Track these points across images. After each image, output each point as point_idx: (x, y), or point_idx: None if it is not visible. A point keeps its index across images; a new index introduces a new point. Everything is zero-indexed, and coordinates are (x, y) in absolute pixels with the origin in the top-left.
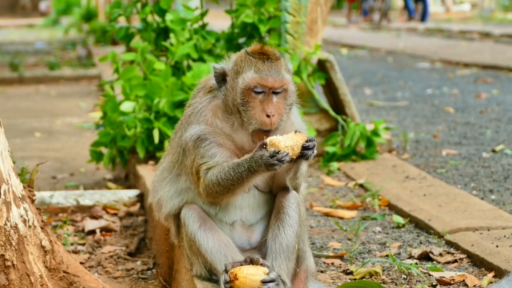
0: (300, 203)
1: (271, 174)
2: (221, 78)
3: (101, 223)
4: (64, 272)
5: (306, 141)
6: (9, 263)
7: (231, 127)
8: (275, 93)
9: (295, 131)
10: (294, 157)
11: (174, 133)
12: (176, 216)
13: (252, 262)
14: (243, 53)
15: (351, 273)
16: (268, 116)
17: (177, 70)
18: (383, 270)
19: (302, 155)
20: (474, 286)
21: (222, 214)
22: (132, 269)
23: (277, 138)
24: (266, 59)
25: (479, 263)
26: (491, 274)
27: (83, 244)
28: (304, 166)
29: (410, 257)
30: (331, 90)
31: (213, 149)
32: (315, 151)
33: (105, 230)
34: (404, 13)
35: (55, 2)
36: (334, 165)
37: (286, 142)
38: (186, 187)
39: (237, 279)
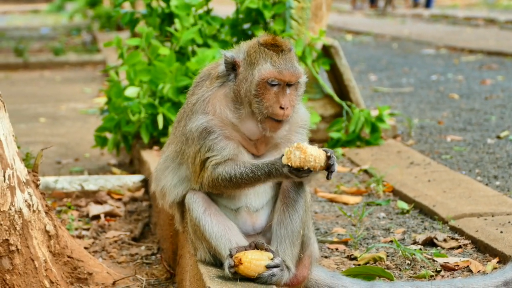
0: (305, 189)
1: None
2: (231, 66)
3: (106, 208)
4: (69, 257)
5: (328, 157)
6: (13, 248)
7: (239, 117)
8: (289, 85)
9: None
10: (315, 170)
11: (176, 122)
12: (180, 204)
13: (256, 247)
14: (256, 44)
15: (355, 258)
16: (281, 108)
17: (182, 55)
18: (387, 256)
19: (329, 171)
20: (478, 271)
21: (226, 201)
22: (136, 254)
23: (305, 145)
24: (280, 51)
25: (483, 249)
26: (495, 260)
27: (88, 229)
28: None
29: (414, 242)
30: (335, 75)
31: (221, 142)
32: (336, 166)
33: (110, 215)
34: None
35: None
36: (339, 150)
37: (312, 151)
38: (188, 175)
39: (242, 263)
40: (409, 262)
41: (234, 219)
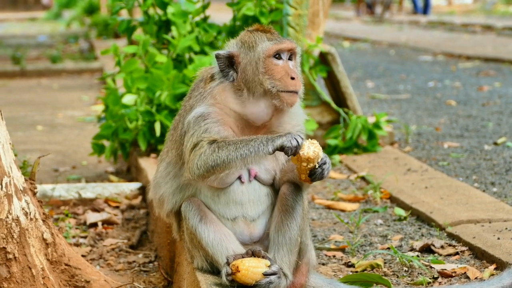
0: (303, 196)
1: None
2: (228, 62)
3: (103, 216)
4: (66, 264)
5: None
6: (10, 256)
7: (242, 103)
8: (289, 59)
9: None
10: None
11: (173, 129)
12: (178, 213)
13: (254, 254)
14: (246, 32)
15: (352, 265)
16: (292, 78)
17: (179, 63)
18: (385, 263)
19: (314, 179)
20: (476, 278)
21: (223, 210)
22: (134, 261)
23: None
24: (270, 33)
25: (480, 256)
26: (492, 267)
27: (85, 237)
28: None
29: (412, 249)
30: (332, 82)
31: (219, 126)
32: (327, 172)
33: (107, 223)
34: (402, 7)
35: None
36: (336, 157)
37: (314, 163)
38: (187, 182)
39: (239, 271)
40: (407, 269)
41: (231, 229)
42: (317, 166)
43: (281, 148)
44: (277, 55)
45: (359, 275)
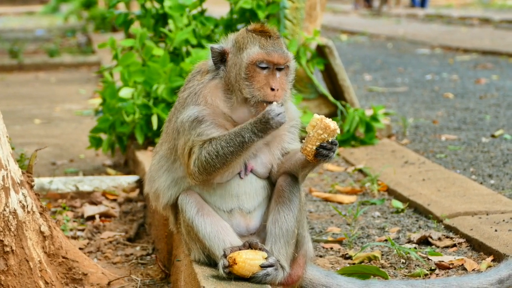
0: (300, 188)
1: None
2: (220, 58)
3: (100, 208)
4: (63, 257)
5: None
6: (8, 249)
7: (231, 106)
8: (278, 69)
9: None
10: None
11: (168, 121)
12: (174, 205)
13: (250, 246)
14: (244, 31)
15: (350, 257)
16: (272, 89)
17: (176, 56)
18: (382, 255)
19: (319, 154)
20: (473, 270)
21: (219, 202)
22: (131, 254)
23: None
24: (268, 36)
25: (478, 247)
26: (489, 258)
27: (82, 230)
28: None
29: (409, 241)
30: (330, 75)
31: (212, 129)
32: (333, 154)
33: (104, 215)
34: (399, 0)
35: None
36: None
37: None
38: (183, 175)
39: (236, 263)
40: (404, 261)
41: (228, 221)
42: (329, 140)
43: (270, 125)
44: (263, 64)
45: (357, 267)
